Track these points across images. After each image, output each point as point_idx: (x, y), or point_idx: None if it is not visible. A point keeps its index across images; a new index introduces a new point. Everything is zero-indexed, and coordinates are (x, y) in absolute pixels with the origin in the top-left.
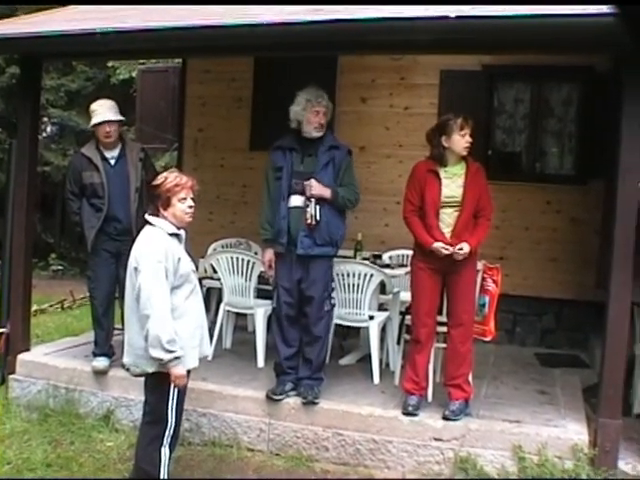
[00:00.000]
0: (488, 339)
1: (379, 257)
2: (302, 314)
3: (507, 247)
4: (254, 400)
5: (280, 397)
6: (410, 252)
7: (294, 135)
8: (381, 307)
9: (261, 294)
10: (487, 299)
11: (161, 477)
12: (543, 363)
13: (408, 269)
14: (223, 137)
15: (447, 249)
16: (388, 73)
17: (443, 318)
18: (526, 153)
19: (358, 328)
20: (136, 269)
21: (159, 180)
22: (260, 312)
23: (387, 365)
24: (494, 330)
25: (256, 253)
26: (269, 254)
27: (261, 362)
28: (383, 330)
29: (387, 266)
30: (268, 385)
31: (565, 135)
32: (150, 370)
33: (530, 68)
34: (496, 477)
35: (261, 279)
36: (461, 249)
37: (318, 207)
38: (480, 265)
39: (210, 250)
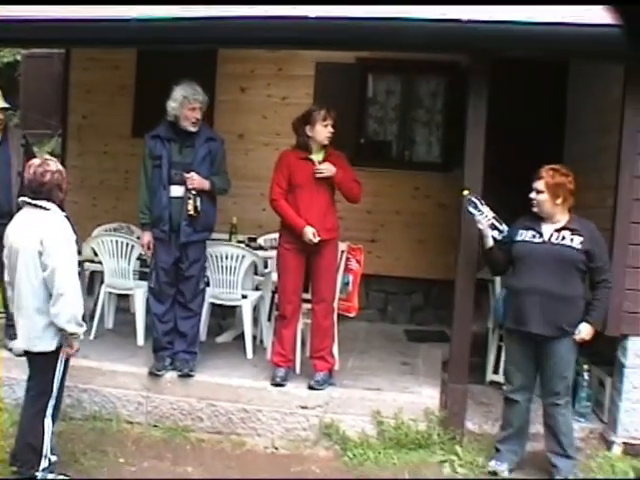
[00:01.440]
0: (352, 314)
1: (254, 240)
2: (178, 292)
3: (379, 230)
4: (132, 375)
5: (162, 372)
6: None
7: (171, 125)
8: (257, 288)
9: (141, 276)
10: (351, 278)
11: (44, 448)
12: (410, 338)
13: None
14: (106, 124)
15: (314, 240)
16: (266, 64)
17: (308, 295)
18: (396, 142)
19: (235, 308)
20: (41, 253)
21: (52, 167)
22: (140, 292)
23: (261, 342)
24: (357, 306)
25: (138, 237)
26: (148, 237)
27: (141, 340)
28: (257, 309)
29: (260, 248)
30: (146, 361)
31: (433, 125)
32: (51, 348)
33: (401, 62)
34: (357, 440)
35: (140, 261)
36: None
37: (199, 198)
38: (344, 246)
39: (94, 234)
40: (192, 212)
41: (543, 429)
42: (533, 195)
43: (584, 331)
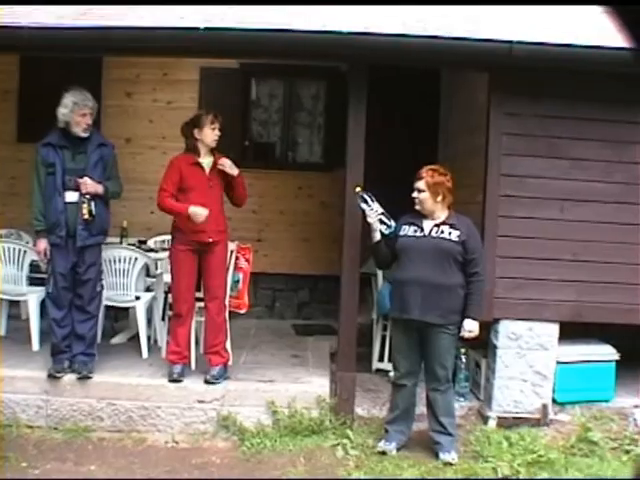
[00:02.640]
0: (243, 311)
1: (144, 242)
2: (76, 296)
3: (264, 230)
4: (31, 379)
5: (61, 374)
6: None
7: (62, 132)
8: (148, 289)
9: (32, 282)
10: (241, 276)
11: None
12: (298, 332)
13: None
14: None
15: (202, 214)
16: (152, 69)
17: (200, 294)
18: (280, 143)
19: (127, 309)
20: None
21: None
22: (33, 298)
23: (155, 342)
24: (247, 303)
25: (28, 243)
26: (43, 243)
27: (36, 345)
28: (150, 310)
29: (151, 250)
30: (43, 365)
31: (315, 127)
32: None
33: (283, 67)
34: (254, 430)
35: (32, 267)
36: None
37: (93, 203)
38: (233, 245)
39: None
40: (87, 216)
41: (426, 411)
42: (415, 194)
43: (469, 326)
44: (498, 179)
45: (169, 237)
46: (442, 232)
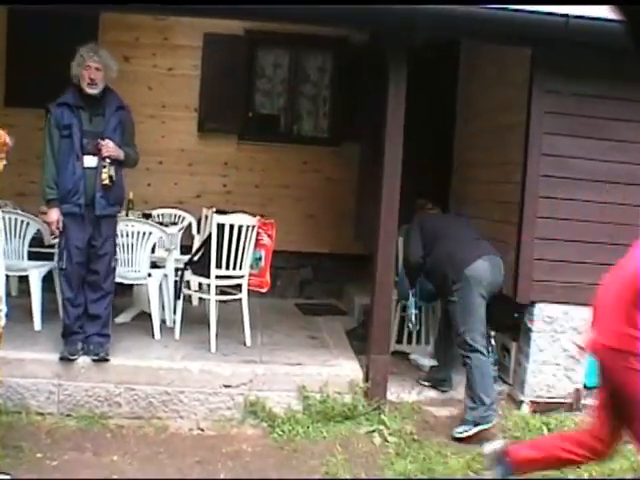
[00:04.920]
0: (264, 290)
1: (149, 216)
2: (90, 272)
3: (267, 204)
4: (41, 362)
5: (75, 357)
6: (178, 212)
7: (77, 92)
8: (156, 265)
9: (31, 256)
10: (263, 253)
11: None
12: (305, 312)
13: (180, 226)
14: None
15: None
16: (152, 33)
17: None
18: (285, 116)
19: (131, 286)
20: None
21: None
22: (35, 274)
23: (163, 321)
24: (269, 282)
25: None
26: (56, 213)
27: (38, 325)
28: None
29: (160, 224)
30: (51, 347)
31: (320, 100)
32: None
33: (289, 36)
34: (284, 416)
35: (33, 241)
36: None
37: (113, 168)
38: (255, 220)
39: None
40: (107, 182)
41: None
42: None
43: None
44: (539, 158)
45: (174, 211)
46: None
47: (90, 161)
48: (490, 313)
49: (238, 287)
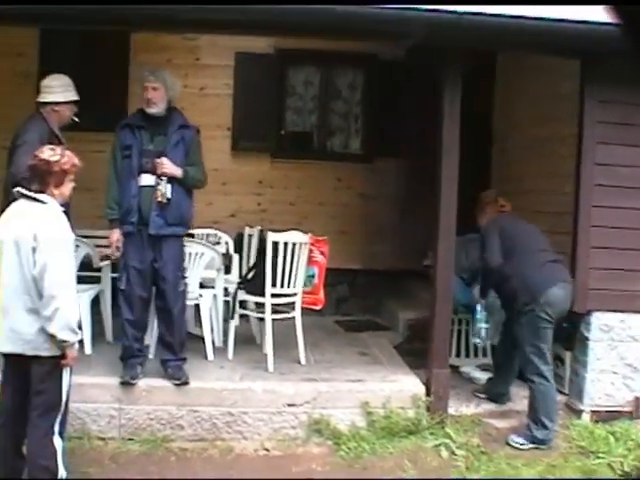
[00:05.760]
0: (319, 307)
1: (192, 235)
2: (158, 296)
3: (303, 222)
4: (101, 387)
5: (136, 381)
6: (214, 232)
7: (142, 113)
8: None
9: (81, 279)
10: (316, 270)
11: (59, 469)
12: (347, 329)
13: (224, 246)
14: (11, 114)
15: None
16: (183, 53)
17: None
18: (317, 133)
19: None
20: (34, 249)
21: (55, 157)
22: (84, 297)
23: (212, 343)
24: (323, 299)
25: None
26: (117, 234)
27: (89, 349)
28: None
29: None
30: (107, 371)
31: (351, 116)
32: (46, 354)
33: (319, 53)
34: (348, 434)
35: (83, 264)
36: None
37: (169, 185)
38: (307, 237)
39: None
40: (160, 199)
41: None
42: None
43: None
44: (592, 168)
45: (209, 231)
46: None
47: (147, 179)
48: None
49: (289, 305)
